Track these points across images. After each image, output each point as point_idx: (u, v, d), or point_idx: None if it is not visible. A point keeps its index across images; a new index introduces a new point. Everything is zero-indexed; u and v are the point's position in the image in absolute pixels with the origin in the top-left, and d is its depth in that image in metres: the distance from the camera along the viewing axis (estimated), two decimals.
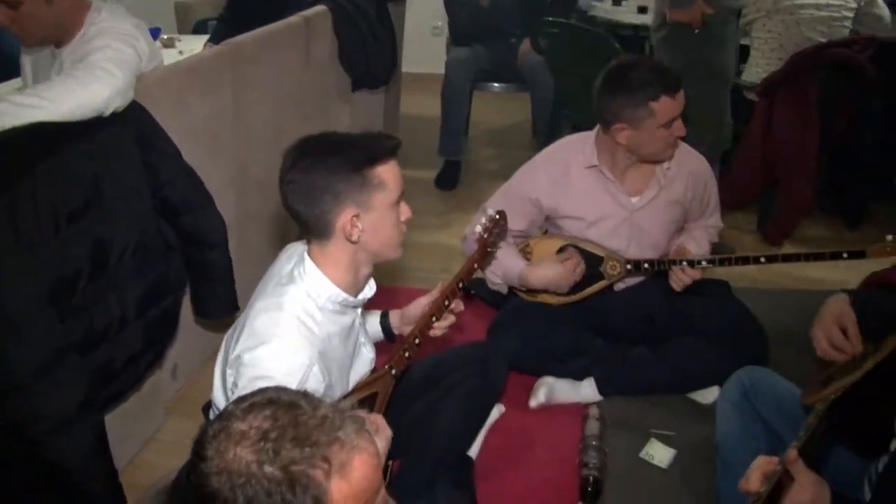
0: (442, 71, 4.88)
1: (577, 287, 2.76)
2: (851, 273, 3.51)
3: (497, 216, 2.47)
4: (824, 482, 1.45)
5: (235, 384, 1.75)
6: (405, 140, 5.33)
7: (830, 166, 4.31)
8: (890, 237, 2.42)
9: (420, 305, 2.23)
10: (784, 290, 3.64)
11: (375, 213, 1.80)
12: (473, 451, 2.54)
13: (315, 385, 1.74)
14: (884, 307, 2.08)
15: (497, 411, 2.70)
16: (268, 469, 1.05)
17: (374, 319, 2.30)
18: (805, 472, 1.43)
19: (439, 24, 6.24)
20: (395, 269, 3.71)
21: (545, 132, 4.80)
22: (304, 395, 1.15)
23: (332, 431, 1.10)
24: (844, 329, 2.01)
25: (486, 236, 2.43)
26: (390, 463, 2.38)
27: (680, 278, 2.68)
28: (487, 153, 5.39)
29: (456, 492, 2.31)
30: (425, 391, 2.35)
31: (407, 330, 2.21)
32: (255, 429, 1.07)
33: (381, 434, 1.55)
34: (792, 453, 1.46)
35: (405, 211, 1.90)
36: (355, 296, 1.91)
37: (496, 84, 5.12)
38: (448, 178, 4.76)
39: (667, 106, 2.52)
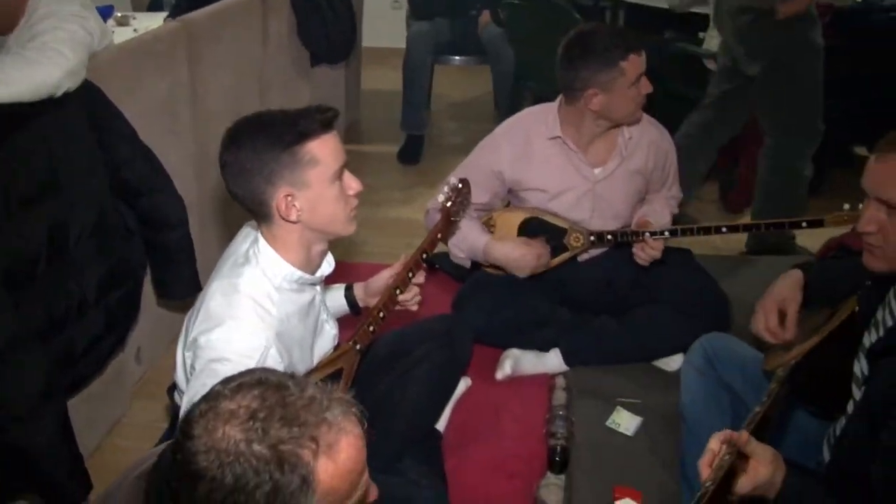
0: (403, 45, 4.85)
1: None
2: (811, 239, 3.56)
3: (460, 185, 2.46)
4: (779, 455, 1.46)
5: (193, 367, 1.73)
6: (367, 115, 5.32)
7: None
8: (847, 206, 2.45)
9: (384, 277, 2.22)
10: (746, 258, 3.68)
11: (312, 191, 1.75)
12: (441, 425, 2.55)
13: (273, 366, 1.71)
14: (840, 274, 2.12)
15: (464, 384, 2.70)
16: (256, 447, 1.05)
17: (338, 293, 2.29)
18: (760, 449, 1.44)
19: None
20: (357, 245, 3.70)
21: (506, 105, 4.79)
22: (292, 376, 1.15)
23: (319, 412, 1.09)
24: (783, 314, 2.08)
25: (449, 205, 2.42)
26: None
27: (647, 253, 2.69)
28: (450, 127, 5.38)
29: (424, 466, 2.31)
30: (391, 366, 2.35)
31: (372, 302, 2.20)
32: (244, 408, 1.07)
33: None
34: (743, 436, 1.46)
35: (352, 184, 1.84)
36: (312, 273, 1.88)
37: (457, 57, 5.10)
38: (410, 153, 4.74)
39: (635, 63, 2.54)
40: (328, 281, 2.06)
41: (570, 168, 2.74)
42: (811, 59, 3.45)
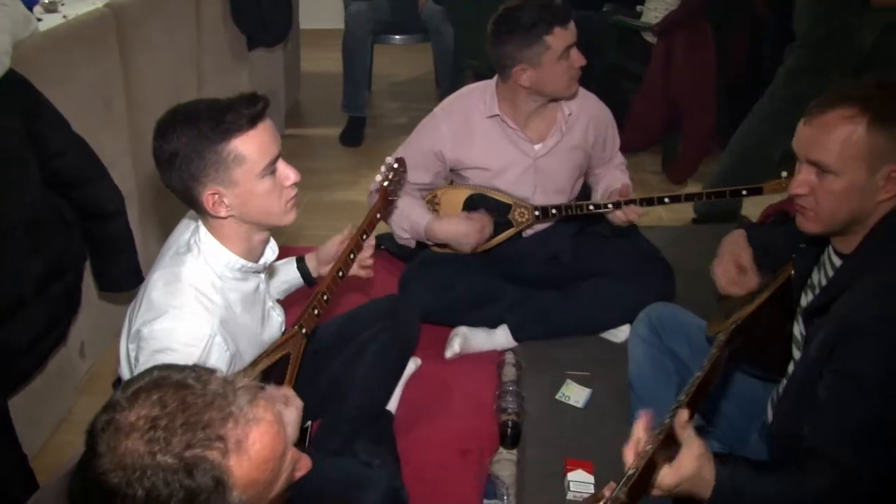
0: (342, 26, 4.80)
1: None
2: (751, 206, 3.63)
3: (396, 164, 2.46)
4: (707, 451, 1.45)
5: (137, 359, 1.70)
6: (307, 98, 5.23)
7: (730, 103, 4.40)
8: (784, 173, 2.48)
9: (334, 243, 2.22)
10: (689, 227, 3.73)
11: (240, 188, 1.69)
12: (392, 406, 2.55)
13: (218, 354, 1.71)
14: (779, 239, 2.17)
15: (413, 364, 2.71)
16: (161, 458, 1.02)
17: (290, 267, 2.28)
18: (691, 441, 1.42)
19: None
20: (302, 230, 3.67)
21: (448, 83, 4.78)
22: (193, 369, 1.11)
23: (224, 408, 1.07)
24: (741, 265, 2.11)
25: (386, 185, 2.41)
26: (309, 424, 2.38)
27: (628, 216, 2.68)
28: (392, 107, 5.34)
29: (377, 447, 2.31)
30: (339, 349, 2.35)
31: (325, 270, 2.20)
32: (143, 418, 1.04)
33: (292, 404, 1.54)
34: (683, 415, 1.44)
35: (288, 175, 1.77)
36: (255, 261, 1.86)
37: (398, 36, 5.07)
38: (353, 135, 4.71)
39: (560, 36, 2.54)
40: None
41: (510, 145, 2.75)
42: None
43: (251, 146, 1.67)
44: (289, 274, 2.27)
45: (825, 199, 1.63)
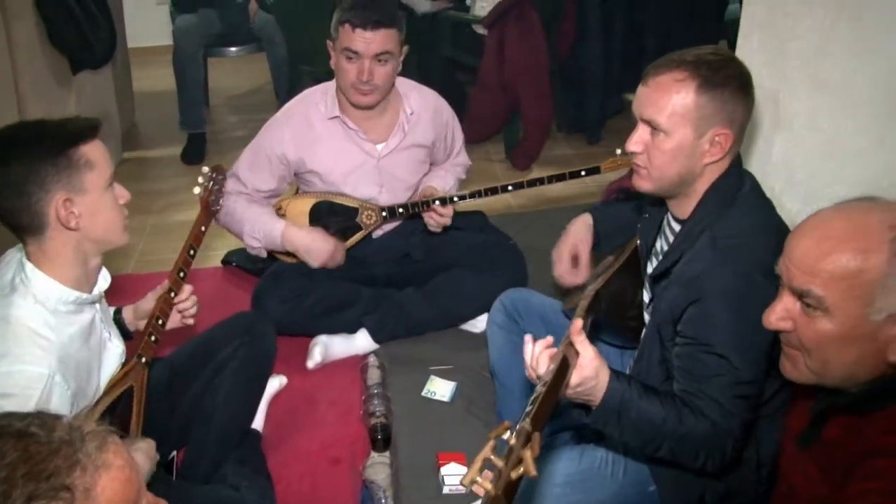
0: (172, 42, 4.66)
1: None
2: (593, 185, 3.74)
3: (212, 172, 2.39)
4: (602, 357, 1.53)
5: None
6: (143, 118, 5.04)
7: (564, 87, 4.53)
8: (619, 151, 2.57)
9: (151, 299, 2.12)
10: (537, 211, 3.81)
11: (90, 196, 1.70)
12: (258, 424, 2.49)
13: (60, 394, 1.64)
14: (625, 215, 2.26)
15: (278, 383, 2.65)
16: None
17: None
18: (587, 346, 1.50)
19: None
20: (149, 254, 3.56)
21: (286, 91, 4.71)
22: (38, 416, 1.06)
23: (71, 455, 1.02)
24: (578, 256, 2.24)
25: (206, 195, 2.36)
26: (174, 455, 2.30)
27: (437, 221, 2.72)
28: (232, 121, 5.22)
29: (244, 468, 2.26)
30: (196, 372, 2.27)
31: (142, 324, 2.10)
32: None
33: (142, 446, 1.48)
34: (578, 323, 1.51)
35: (121, 194, 1.81)
36: (89, 291, 1.80)
37: (232, 48, 4.95)
38: (194, 152, 4.57)
39: (345, 36, 2.54)
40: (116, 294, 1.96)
41: (352, 146, 2.73)
42: None
43: (98, 153, 1.71)
44: None
45: (656, 157, 1.72)
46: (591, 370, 1.50)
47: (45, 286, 1.71)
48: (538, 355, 1.53)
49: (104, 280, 1.87)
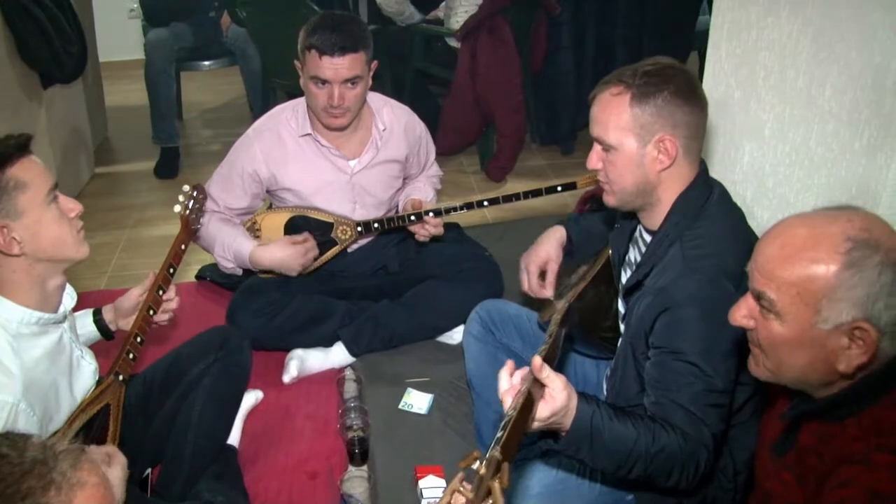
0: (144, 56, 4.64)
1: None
2: (568, 197, 3.76)
3: (193, 191, 2.39)
4: (571, 385, 1.51)
5: None
6: (116, 133, 5.01)
7: (537, 99, 4.56)
8: None
9: (133, 296, 2.12)
10: (513, 222, 3.82)
11: (28, 217, 1.66)
12: (234, 439, 2.48)
13: (25, 420, 1.62)
14: (596, 225, 2.28)
15: (254, 397, 2.65)
16: None
17: (86, 320, 2.15)
18: (554, 377, 1.48)
19: (134, 6, 5.86)
20: (123, 269, 3.53)
21: (259, 105, 4.72)
22: (7, 437, 1.05)
23: (44, 475, 1.02)
24: (545, 272, 2.25)
25: (187, 213, 2.34)
26: (149, 472, 2.28)
27: (427, 230, 2.72)
28: (205, 134, 5.19)
29: (222, 483, 2.25)
30: (171, 388, 2.25)
31: (123, 323, 2.10)
32: None
33: (116, 462, 1.47)
34: (537, 360, 1.49)
35: (70, 206, 1.75)
36: (53, 311, 1.77)
37: (205, 62, 4.93)
38: (167, 167, 4.54)
39: (312, 63, 2.52)
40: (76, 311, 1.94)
41: (325, 163, 2.73)
42: None
43: (29, 172, 1.65)
44: (85, 327, 2.13)
45: (611, 172, 1.75)
46: (562, 400, 1.48)
47: (4, 310, 1.69)
48: (503, 395, 1.49)
49: (70, 298, 1.83)
